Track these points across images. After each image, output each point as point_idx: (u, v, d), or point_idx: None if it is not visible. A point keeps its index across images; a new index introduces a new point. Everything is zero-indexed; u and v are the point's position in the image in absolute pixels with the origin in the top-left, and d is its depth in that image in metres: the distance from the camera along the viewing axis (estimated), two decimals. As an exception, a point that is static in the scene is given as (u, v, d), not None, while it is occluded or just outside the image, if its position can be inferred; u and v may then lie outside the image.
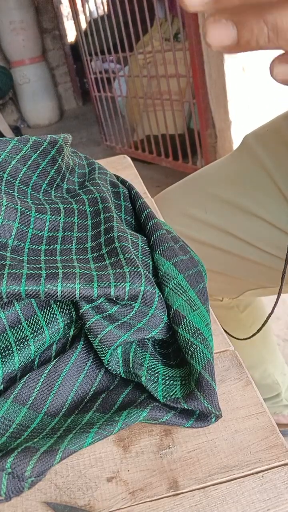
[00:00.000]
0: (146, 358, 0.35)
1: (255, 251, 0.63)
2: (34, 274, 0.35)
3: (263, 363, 0.90)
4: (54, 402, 0.33)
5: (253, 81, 1.77)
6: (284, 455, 0.29)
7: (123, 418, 0.30)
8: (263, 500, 0.27)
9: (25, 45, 4.04)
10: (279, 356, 0.94)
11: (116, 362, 0.34)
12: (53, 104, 4.48)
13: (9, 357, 0.34)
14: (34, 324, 0.36)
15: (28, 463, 0.28)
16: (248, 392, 0.34)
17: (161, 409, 0.31)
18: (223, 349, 0.38)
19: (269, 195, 0.60)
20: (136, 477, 0.29)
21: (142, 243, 0.43)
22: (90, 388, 0.34)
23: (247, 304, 0.85)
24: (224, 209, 0.64)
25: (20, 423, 0.31)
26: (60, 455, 0.28)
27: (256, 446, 0.30)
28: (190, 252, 0.45)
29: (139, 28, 2.18)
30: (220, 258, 0.67)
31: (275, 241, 0.61)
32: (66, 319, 0.37)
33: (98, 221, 0.45)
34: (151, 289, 0.37)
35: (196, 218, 0.67)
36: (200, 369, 0.32)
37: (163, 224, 0.47)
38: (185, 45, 1.90)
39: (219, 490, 0.28)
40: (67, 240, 0.43)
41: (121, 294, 0.35)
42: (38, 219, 0.44)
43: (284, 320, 1.37)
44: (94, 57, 2.76)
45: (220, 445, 0.30)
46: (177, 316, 0.36)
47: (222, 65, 1.71)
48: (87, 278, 0.35)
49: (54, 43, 4.54)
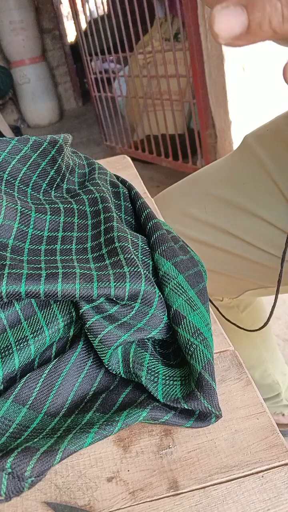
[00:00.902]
0: (146, 358, 0.35)
1: (255, 251, 0.63)
2: (34, 274, 0.35)
3: (263, 363, 0.90)
4: (54, 402, 0.33)
5: (253, 81, 1.77)
6: (284, 455, 0.29)
7: (123, 418, 0.30)
8: (263, 500, 0.27)
9: (25, 45, 4.04)
10: (279, 356, 0.94)
11: (116, 362, 0.34)
12: (53, 104, 4.48)
13: (9, 357, 0.34)
14: (34, 324, 0.36)
15: (28, 463, 0.28)
16: (248, 392, 0.34)
17: (161, 409, 0.31)
18: (223, 349, 0.38)
19: (269, 195, 0.60)
20: (136, 477, 0.29)
21: (142, 243, 0.43)
22: (90, 388, 0.34)
23: (247, 304, 0.85)
24: (224, 209, 0.64)
25: (20, 423, 0.31)
26: (60, 455, 0.28)
27: (256, 446, 0.30)
28: (190, 252, 0.45)
29: (139, 28, 2.18)
30: (220, 258, 0.67)
31: (275, 240, 0.61)
32: (66, 319, 0.37)
33: (98, 221, 0.45)
34: (151, 289, 0.37)
35: (196, 218, 0.67)
36: (200, 369, 0.32)
37: (163, 224, 0.47)
38: (185, 45, 1.90)
39: (219, 490, 0.28)
40: (67, 240, 0.43)
41: (121, 294, 0.35)
42: (38, 219, 0.44)
43: (284, 320, 1.37)
44: (94, 57, 2.76)
45: (220, 445, 0.30)
46: (177, 316, 0.36)
47: (222, 65, 1.71)
48: (87, 278, 0.35)
49: (54, 43, 4.54)
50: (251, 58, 1.72)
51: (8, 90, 4.09)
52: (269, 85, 1.78)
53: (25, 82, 4.21)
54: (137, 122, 2.67)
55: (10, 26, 3.93)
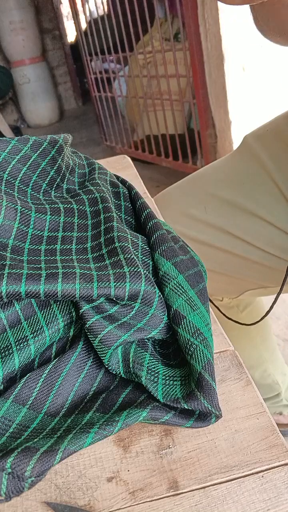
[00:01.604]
0: (146, 358, 0.35)
1: (255, 251, 0.63)
2: (34, 274, 0.35)
3: (263, 363, 0.90)
4: (54, 402, 0.33)
5: (253, 81, 1.77)
6: (284, 455, 0.29)
7: (123, 418, 0.30)
8: (263, 500, 0.27)
9: (25, 45, 4.04)
10: (279, 356, 0.94)
11: (116, 362, 0.34)
12: (53, 104, 4.47)
13: (9, 357, 0.34)
14: (34, 324, 0.36)
15: (28, 463, 0.28)
16: (248, 392, 0.34)
17: (161, 409, 0.31)
18: (223, 349, 0.38)
19: (269, 195, 0.60)
20: (136, 477, 0.29)
21: (142, 243, 0.43)
22: (90, 388, 0.34)
23: (247, 304, 0.85)
24: (224, 209, 0.64)
25: (20, 423, 0.31)
26: (60, 455, 0.28)
27: (256, 446, 0.30)
28: (190, 252, 0.45)
29: (139, 28, 2.18)
30: (220, 258, 0.67)
31: (275, 240, 0.61)
32: (66, 319, 0.37)
33: (98, 221, 0.45)
34: (151, 289, 0.37)
35: (196, 218, 0.67)
36: (200, 369, 0.32)
37: (163, 224, 0.47)
38: (185, 45, 1.90)
39: (219, 490, 0.28)
40: (67, 240, 0.43)
41: (121, 294, 0.35)
42: (38, 219, 0.44)
43: (284, 320, 1.37)
44: (94, 57, 2.76)
45: (220, 445, 0.30)
46: (177, 316, 0.36)
47: (222, 65, 1.71)
48: (87, 278, 0.35)
49: (54, 43, 4.54)
50: (251, 58, 1.72)
51: (8, 90, 4.09)
52: (269, 85, 1.78)
53: (25, 82, 4.21)
54: (137, 122, 2.67)
55: (10, 26, 3.93)
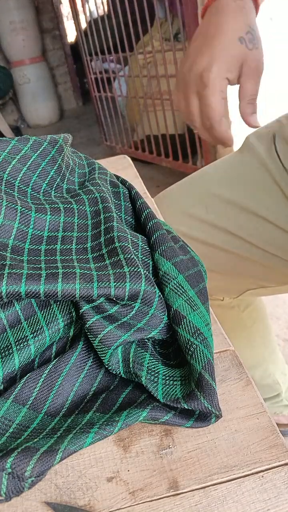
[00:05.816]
0: (146, 358, 0.35)
1: (256, 251, 0.63)
2: (34, 274, 0.35)
3: (264, 363, 0.90)
4: (54, 402, 0.33)
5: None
6: (284, 455, 0.29)
7: (123, 418, 0.30)
8: (263, 500, 0.27)
9: (25, 45, 4.04)
10: (279, 356, 0.94)
11: (116, 362, 0.34)
12: (53, 104, 4.48)
13: (9, 357, 0.34)
14: (34, 324, 0.36)
15: (28, 463, 0.28)
16: (248, 392, 0.34)
17: (161, 409, 0.31)
18: (223, 349, 0.38)
19: (270, 195, 0.60)
20: (136, 477, 0.29)
21: (142, 243, 0.43)
22: (90, 388, 0.34)
23: (247, 304, 0.84)
24: (224, 208, 0.64)
25: (20, 423, 0.31)
26: (60, 455, 0.28)
27: (256, 446, 0.30)
28: (190, 252, 0.45)
29: (139, 28, 2.18)
30: (221, 258, 0.67)
31: (276, 240, 0.61)
32: (66, 319, 0.37)
33: (98, 221, 0.45)
34: (151, 289, 0.37)
35: (196, 217, 0.67)
36: (200, 369, 0.32)
37: (163, 224, 0.47)
38: (185, 45, 1.90)
39: (219, 490, 0.28)
40: (67, 240, 0.43)
41: (121, 294, 0.35)
42: (38, 219, 0.44)
43: (284, 320, 1.37)
44: (94, 57, 2.76)
45: (220, 445, 0.30)
46: (177, 316, 0.36)
47: (222, 65, 1.71)
48: (87, 278, 0.35)
49: (54, 43, 4.55)
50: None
51: (8, 90, 4.09)
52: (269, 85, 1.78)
53: (25, 82, 4.21)
54: (137, 122, 2.67)
55: (10, 26, 3.93)
